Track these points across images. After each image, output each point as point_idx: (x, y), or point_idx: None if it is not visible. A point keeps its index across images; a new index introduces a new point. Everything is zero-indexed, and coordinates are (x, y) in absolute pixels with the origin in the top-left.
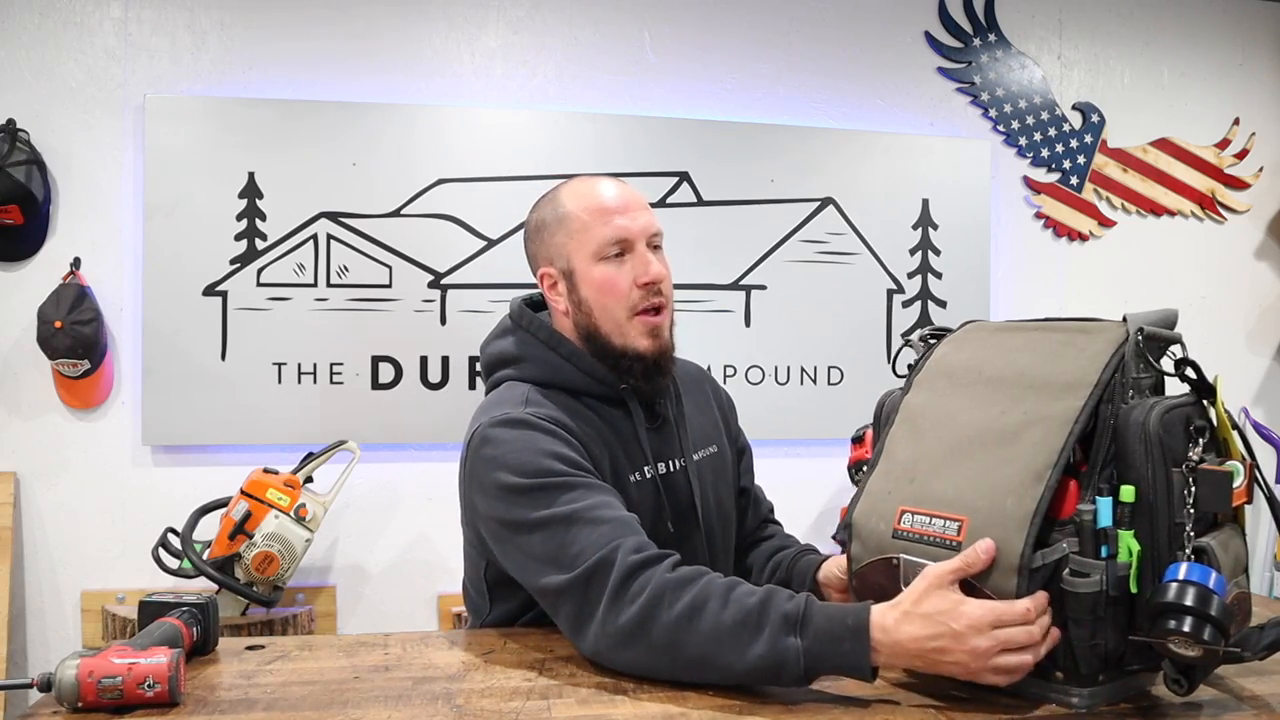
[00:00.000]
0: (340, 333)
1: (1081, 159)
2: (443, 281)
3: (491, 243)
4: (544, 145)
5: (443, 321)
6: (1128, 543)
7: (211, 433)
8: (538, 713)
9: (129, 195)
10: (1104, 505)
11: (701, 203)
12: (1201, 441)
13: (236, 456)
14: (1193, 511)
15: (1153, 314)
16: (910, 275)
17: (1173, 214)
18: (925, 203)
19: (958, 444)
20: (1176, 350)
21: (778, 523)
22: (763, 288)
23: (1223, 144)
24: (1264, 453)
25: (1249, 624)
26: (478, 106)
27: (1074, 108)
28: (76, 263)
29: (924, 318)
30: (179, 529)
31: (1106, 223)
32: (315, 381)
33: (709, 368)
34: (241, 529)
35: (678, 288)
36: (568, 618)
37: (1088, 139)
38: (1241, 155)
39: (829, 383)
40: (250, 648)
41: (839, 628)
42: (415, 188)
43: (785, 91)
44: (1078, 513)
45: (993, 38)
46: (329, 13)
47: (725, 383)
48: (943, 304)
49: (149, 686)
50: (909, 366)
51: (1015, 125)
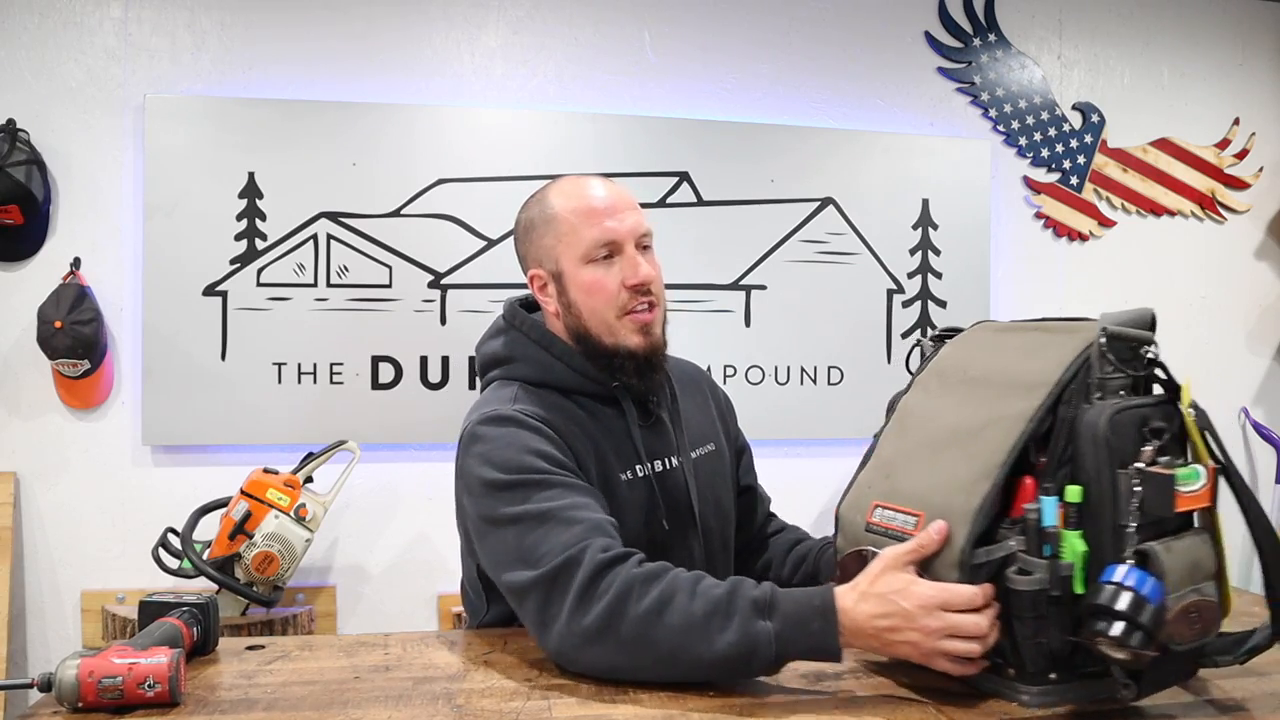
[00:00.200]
0: (340, 333)
1: (1081, 159)
2: (443, 281)
3: (491, 243)
4: (544, 145)
5: (443, 321)
6: (1073, 543)
7: (211, 433)
8: (538, 713)
9: (129, 195)
10: (1048, 504)
11: (701, 203)
12: (1157, 444)
13: (236, 456)
14: (1137, 514)
15: (1124, 314)
16: (910, 275)
17: (1173, 214)
18: (925, 203)
19: (931, 442)
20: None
21: (776, 516)
22: (763, 288)
23: (1223, 144)
24: (1264, 452)
25: (1212, 631)
26: (478, 106)
27: (1074, 108)
28: (76, 263)
29: (924, 318)
30: (179, 529)
31: (1106, 223)
32: (315, 381)
33: (709, 368)
34: (241, 529)
35: (678, 287)
36: (531, 615)
37: (1088, 139)
38: (1241, 155)
39: (829, 383)
40: (250, 648)
41: (806, 610)
42: (415, 188)
43: (785, 91)
44: (1025, 511)
45: (993, 38)
46: (329, 13)
47: (725, 383)
48: (943, 304)
49: (149, 686)
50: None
51: (1015, 125)
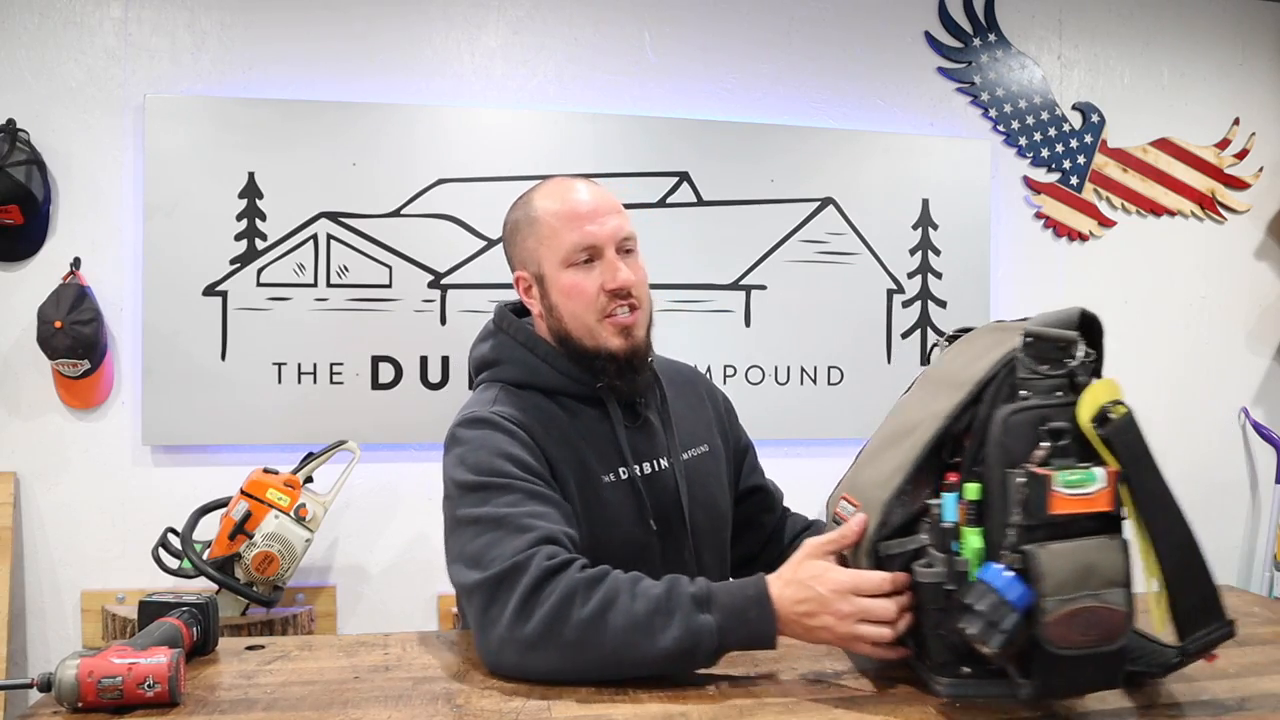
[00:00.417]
0: (340, 333)
1: (1081, 159)
2: (443, 281)
3: (491, 243)
4: (544, 145)
5: (443, 321)
6: (970, 540)
7: (211, 433)
8: (538, 713)
9: (129, 195)
10: (948, 501)
11: (701, 203)
12: (1052, 444)
13: (236, 456)
14: (1021, 514)
15: (1049, 315)
16: (910, 275)
17: (1173, 214)
18: (925, 203)
19: (885, 438)
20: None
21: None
22: (763, 288)
23: (1223, 144)
24: (1264, 452)
25: (1115, 639)
26: (478, 106)
27: (1074, 108)
28: (76, 263)
29: (924, 318)
30: (179, 529)
31: (1106, 223)
32: (315, 381)
33: (709, 368)
34: (241, 529)
35: (678, 287)
36: (474, 617)
37: (1088, 139)
38: (1241, 155)
39: (829, 383)
40: (250, 648)
41: (742, 600)
42: (415, 188)
43: (785, 91)
44: (929, 507)
45: (993, 38)
46: (329, 13)
47: (725, 383)
48: (943, 304)
49: (149, 686)
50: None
51: (1015, 125)
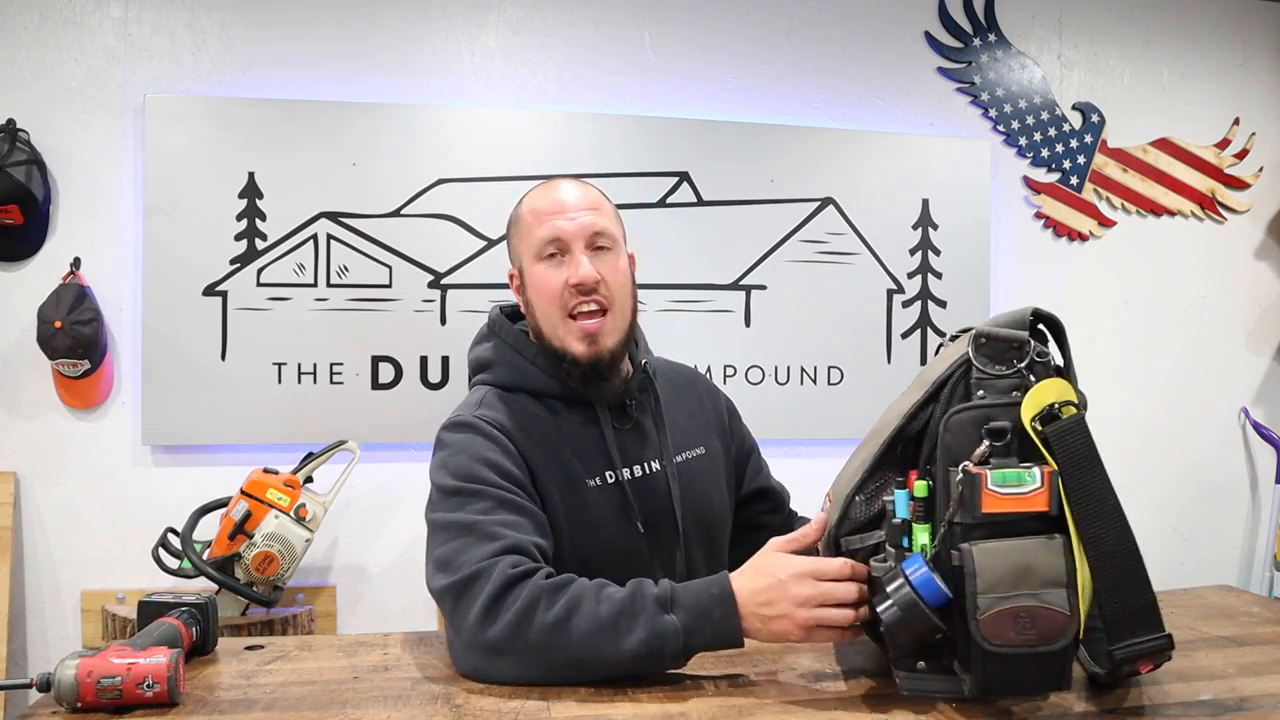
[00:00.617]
0: (340, 333)
1: (1081, 159)
2: (443, 281)
3: (491, 243)
4: (544, 145)
5: (443, 321)
6: (919, 536)
7: (211, 433)
8: (537, 712)
9: (129, 195)
10: (900, 498)
11: (701, 203)
12: (991, 444)
13: (236, 456)
14: (958, 511)
15: (1003, 315)
16: (910, 275)
17: (1173, 214)
18: (925, 203)
19: (867, 437)
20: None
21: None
22: (763, 288)
23: (1223, 144)
24: (1264, 452)
25: (1054, 640)
26: (478, 106)
27: (1074, 108)
28: (76, 263)
29: (924, 318)
30: (179, 529)
31: (1106, 223)
32: (315, 381)
33: (709, 368)
34: (241, 529)
35: (678, 287)
36: (446, 619)
37: (1088, 139)
38: (1241, 155)
39: (829, 383)
40: (250, 648)
41: (705, 599)
42: (415, 188)
43: (785, 91)
44: (884, 503)
45: (993, 38)
46: (329, 13)
47: (725, 383)
48: (943, 304)
49: (148, 686)
50: None
51: (1015, 125)
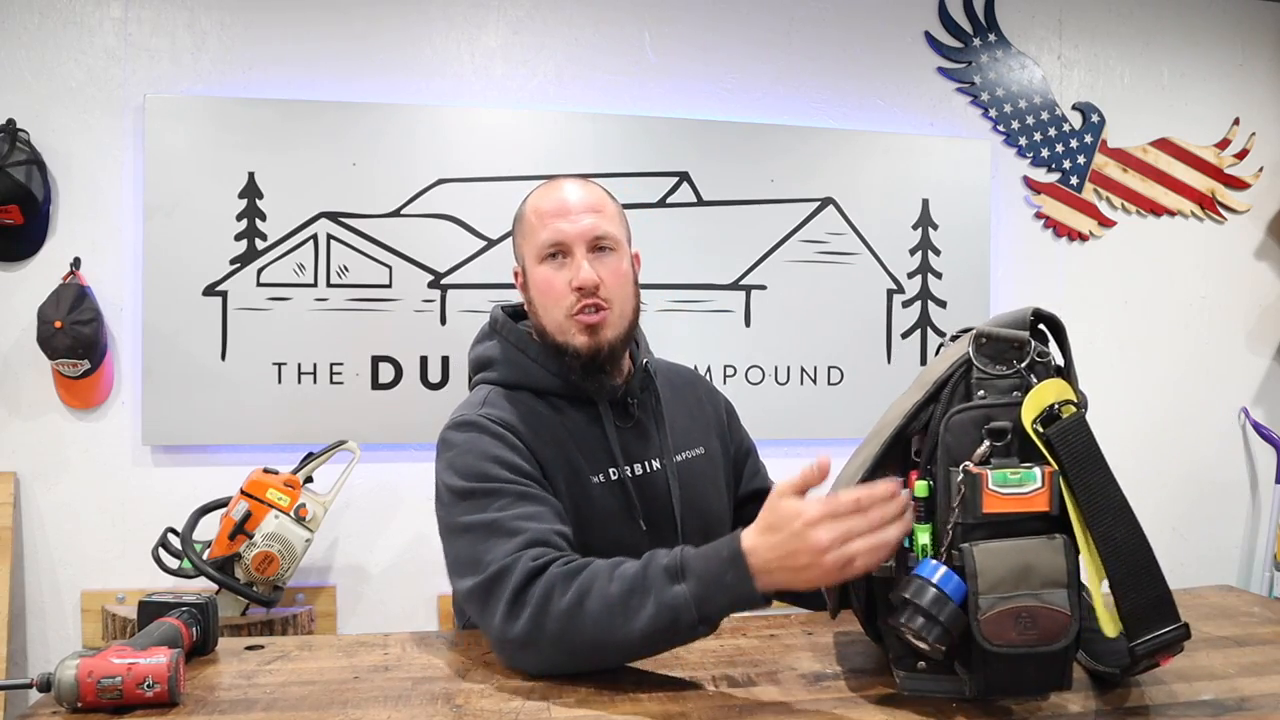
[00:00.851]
0: (340, 333)
1: (1081, 159)
2: (443, 281)
3: (491, 243)
4: (544, 145)
5: (443, 321)
6: (920, 536)
7: (211, 433)
8: (537, 713)
9: (129, 195)
10: None
11: (701, 203)
12: (992, 444)
13: (236, 456)
14: (960, 511)
15: (1002, 316)
16: (910, 275)
17: (1173, 214)
18: (925, 203)
19: (868, 437)
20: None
21: None
22: (763, 288)
23: (1223, 144)
24: (1264, 452)
25: (1056, 640)
26: (478, 106)
27: (1074, 108)
28: (76, 263)
29: (924, 318)
30: (179, 529)
31: (1106, 223)
32: (315, 381)
33: (709, 368)
34: (241, 529)
35: (678, 287)
36: (476, 619)
37: (1088, 139)
38: (1241, 155)
39: (829, 383)
40: (250, 648)
41: (716, 563)
42: (415, 188)
43: (785, 91)
44: None
45: (993, 38)
46: (329, 13)
47: (725, 383)
48: (943, 304)
49: (148, 686)
50: None
51: (1015, 125)
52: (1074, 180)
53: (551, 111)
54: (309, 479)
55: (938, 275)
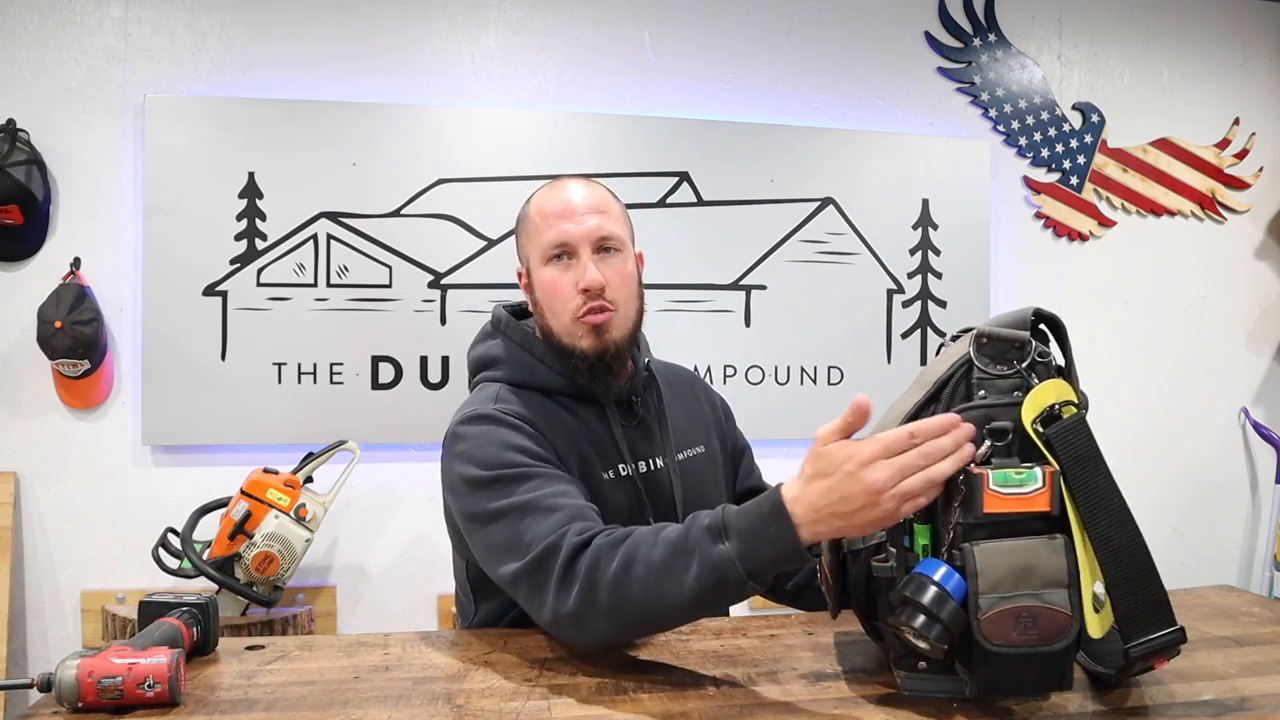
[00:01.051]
0: (340, 333)
1: (1081, 159)
2: (443, 281)
3: (491, 243)
4: (544, 145)
5: (443, 321)
6: (920, 536)
7: (211, 433)
8: (538, 713)
9: (129, 195)
10: None
11: (701, 203)
12: (993, 444)
13: (236, 456)
14: (960, 511)
15: (1002, 316)
16: (910, 275)
17: (1173, 214)
18: (925, 203)
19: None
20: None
21: None
22: (763, 288)
23: (1223, 144)
24: (1264, 452)
25: (1055, 640)
26: (478, 106)
27: (1074, 108)
28: (76, 263)
29: (924, 318)
30: (179, 529)
31: (1106, 223)
32: (315, 381)
33: (709, 368)
34: (241, 529)
35: (678, 287)
36: (526, 602)
37: (1088, 139)
38: (1241, 155)
39: (829, 383)
40: (250, 648)
41: (757, 519)
42: (415, 188)
43: (785, 91)
44: None
45: (993, 38)
46: (329, 13)
47: (725, 383)
48: (943, 304)
49: (149, 686)
50: None
51: (1015, 125)
52: (1074, 180)
53: (551, 111)
54: (309, 479)
55: (938, 275)
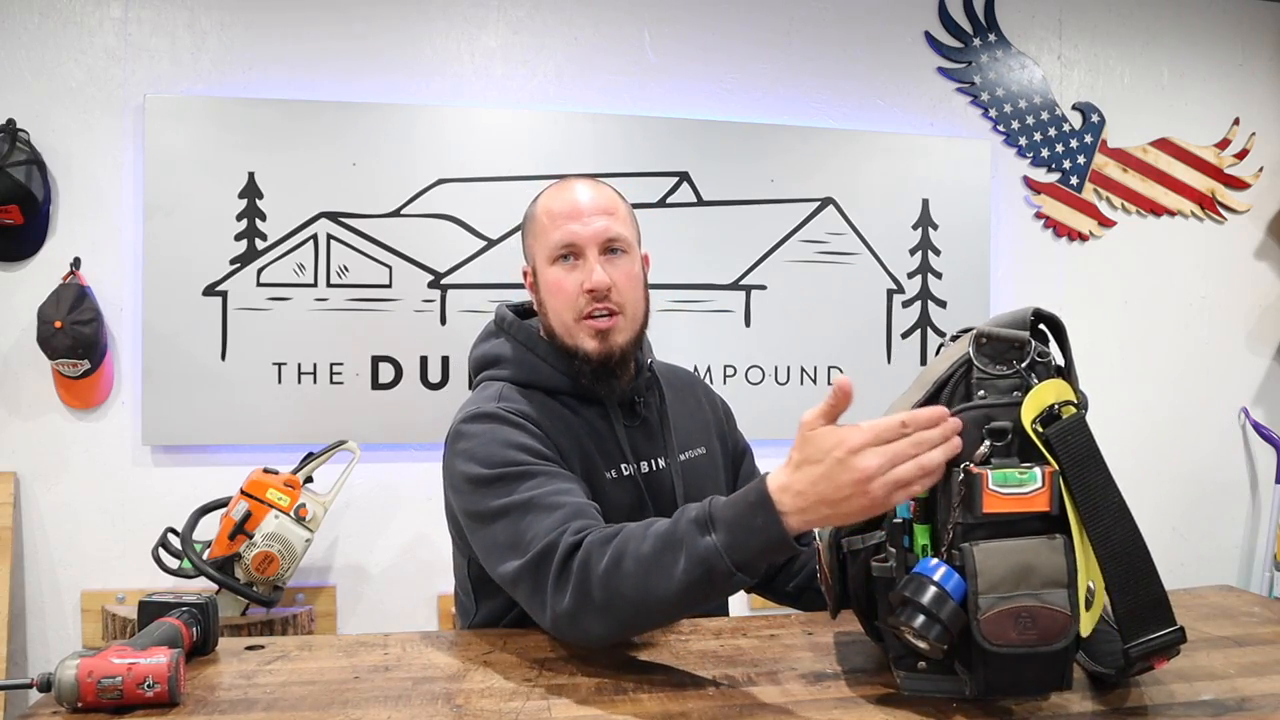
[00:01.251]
0: (340, 333)
1: (1081, 159)
2: (443, 281)
3: (491, 243)
4: (544, 145)
5: (443, 321)
6: (920, 536)
7: (211, 433)
8: (538, 713)
9: (129, 195)
10: None
11: (701, 203)
12: (992, 444)
13: (236, 456)
14: (960, 511)
15: (1002, 316)
16: (910, 275)
17: (1173, 214)
18: (925, 203)
19: None
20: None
21: None
22: (763, 288)
23: (1223, 144)
24: (1264, 452)
25: (1054, 640)
26: (478, 106)
27: (1074, 108)
28: (76, 263)
29: (924, 318)
30: (179, 529)
31: (1106, 223)
32: (315, 381)
33: (709, 368)
34: (241, 529)
35: (678, 287)
36: (526, 602)
37: (1088, 139)
38: (1241, 155)
39: (829, 383)
40: (250, 648)
41: (744, 509)
42: (415, 188)
43: (785, 91)
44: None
45: (993, 38)
46: (329, 13)
47: (725, 383)
48: (943, 304)
49: (149, 686)
50: None
51: (1015, 125)
52: (1074, 180)
53: (551, 111)
54: (309, 479)
55: (938, 275)
